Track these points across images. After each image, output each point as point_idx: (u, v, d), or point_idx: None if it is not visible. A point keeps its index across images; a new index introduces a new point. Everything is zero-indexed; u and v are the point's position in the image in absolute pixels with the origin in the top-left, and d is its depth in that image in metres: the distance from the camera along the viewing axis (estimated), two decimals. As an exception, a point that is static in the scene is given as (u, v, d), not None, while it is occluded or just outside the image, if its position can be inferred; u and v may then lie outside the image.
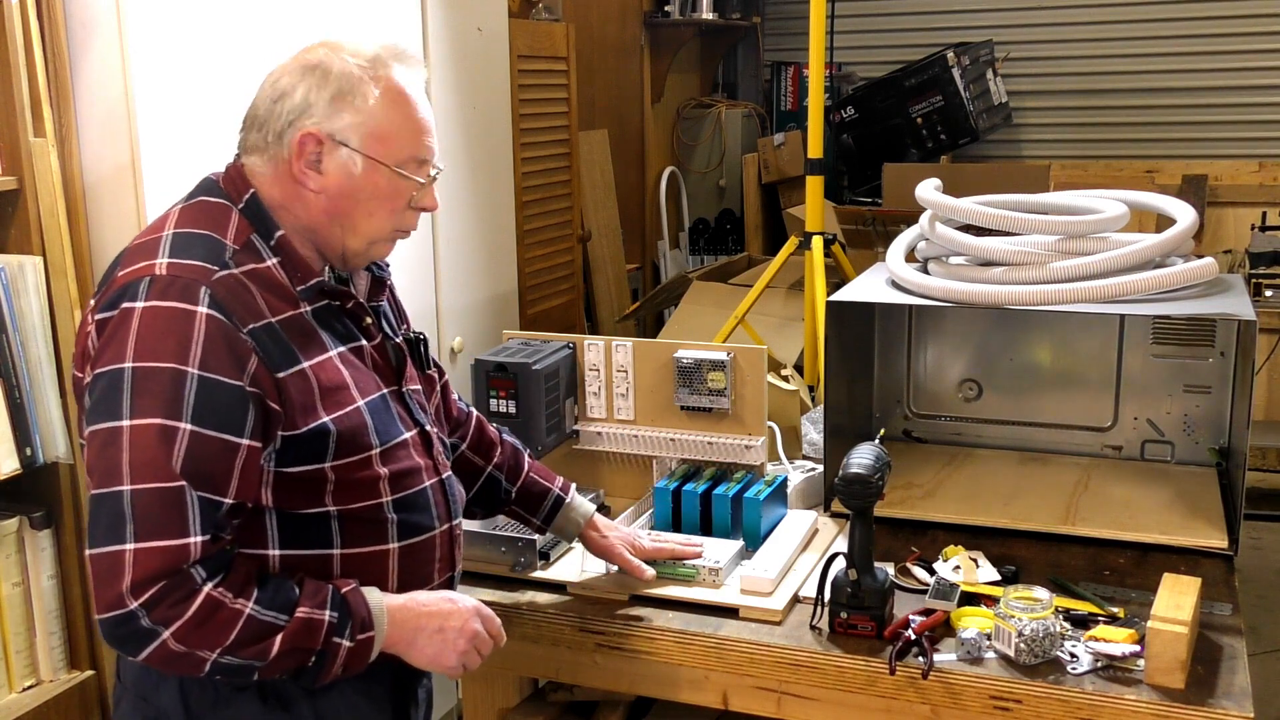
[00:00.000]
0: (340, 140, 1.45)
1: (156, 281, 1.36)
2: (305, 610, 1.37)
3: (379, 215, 1.50)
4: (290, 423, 1.40)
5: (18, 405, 1.92)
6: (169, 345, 1.32)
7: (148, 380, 1.31)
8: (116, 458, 1.30)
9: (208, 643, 1.31)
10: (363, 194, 1.48)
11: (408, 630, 1.47)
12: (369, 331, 1.55)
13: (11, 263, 1.94)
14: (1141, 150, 5.62)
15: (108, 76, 2.04)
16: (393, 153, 1.47)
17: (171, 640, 1.29)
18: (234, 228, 1.45)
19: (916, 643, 1.69)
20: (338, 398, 1.45)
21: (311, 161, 1.46)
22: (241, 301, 1.38)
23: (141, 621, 1.28)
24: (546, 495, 1.88)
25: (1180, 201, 2.24)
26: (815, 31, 3.18)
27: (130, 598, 1.27)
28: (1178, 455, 2.37)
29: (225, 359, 1.34)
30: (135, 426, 1.30)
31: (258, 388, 1.37)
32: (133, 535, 1.28)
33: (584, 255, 4.32)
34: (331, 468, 1.44)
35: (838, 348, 2.23)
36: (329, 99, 1.45)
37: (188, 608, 1.29)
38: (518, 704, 2.08)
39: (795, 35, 6.09)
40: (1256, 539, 4.17)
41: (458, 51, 2.99)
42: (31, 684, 2.02)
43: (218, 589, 1.32)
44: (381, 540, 1.50)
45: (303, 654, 1.38)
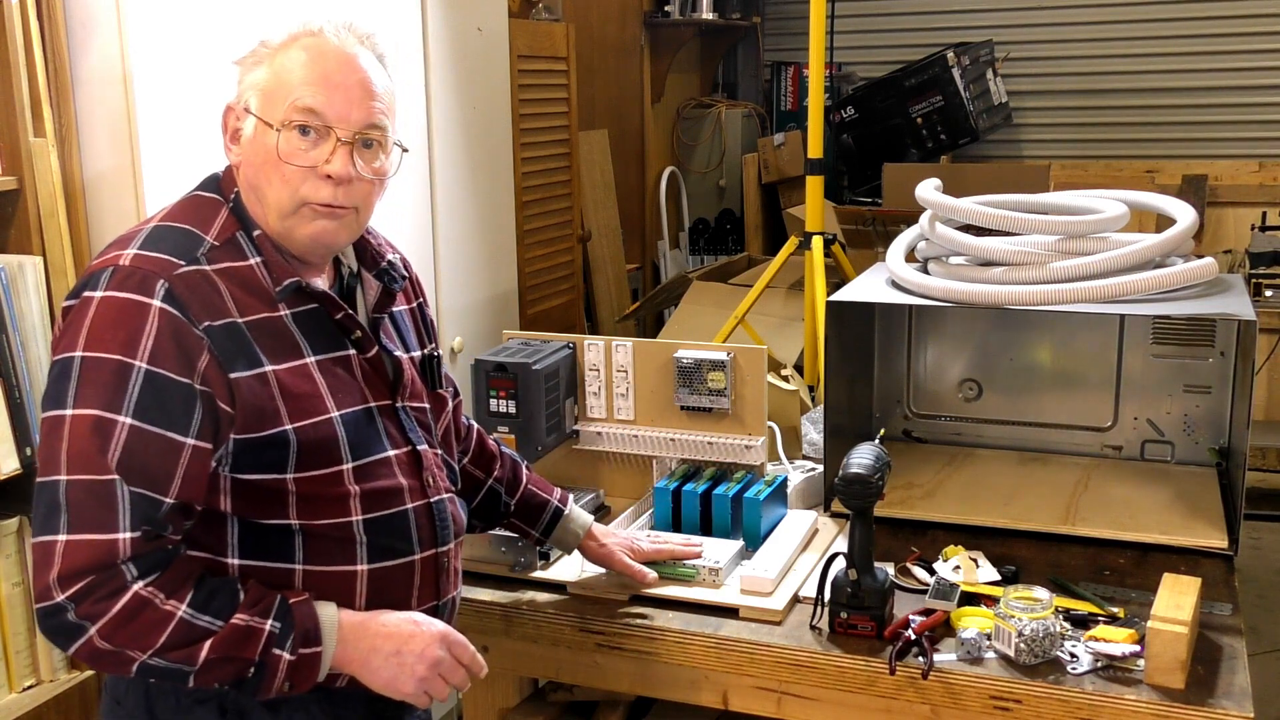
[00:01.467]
0: (244, 106, 1.44)
1: (118, 272, 1.34)
2: (243, 617, 1.32)
3: (275, 182, 1.42)
4: (243, 426, 1.36)
5: (18, 405, 1.92)
6: (119, 336, 1.31)
7: (93, 370, 1.30)
8: (57, 447, 1.29)
9: (135, 643, 1.28)
10: (258, 158, 1.42)
11: (361, 650, 1.40)
12: (360, 343, 1.50)
13: (11, 263, 1.94)
14: (1141, 150, 5.62)
15: (108, 76, 2.04)
16: (276, 108, 1.41)
17: (97, 637, 1.26)
18: (219, 224, 1.43)
19: (916, 643, 1.69)
20: (305, 405, 1.40)
21: (234, 134, 1.46)
22: (201, 298, 1.35)
23: (68, 615, 1.26)
24: (545, 507, 1.86)
25: (1180, 201, 2.24)
26: (815, 31, 3.18)
27: (57, 589, 1.26)
28: (1178, 455, 2.37)
29: (174, 355, 1.31)
30: (75, 416, 1.29)
31: (208, 386, 1.33)
32: (65, 526, 1.27)
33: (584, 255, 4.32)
34: (294, 479, 1.40)
35: (838, 348, 2.23)
36: (248, 66, 1.45)
37: (113, 604, 1.26)
38: (518, 704, 2.08)
39: (795, 35, 6.09)
40: (1256, 539, 4.17)
41: (458, 51, 2.99)
42: (31, 684, 2.02)
43: (148, 588, 1.28)
44: (349, 560, 1.44)
45: (239, 663, 1.32)
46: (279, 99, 1.41)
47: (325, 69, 1.42)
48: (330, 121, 1.41)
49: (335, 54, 1.43)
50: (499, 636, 1.89)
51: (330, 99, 1.41)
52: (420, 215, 2.86)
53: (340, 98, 1.42)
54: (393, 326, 1.59)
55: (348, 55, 1.44)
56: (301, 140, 1.41)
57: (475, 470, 1.83)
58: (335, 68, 1.42)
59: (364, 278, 1.58)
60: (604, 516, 2.16)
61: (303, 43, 1.43)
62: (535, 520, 1.86)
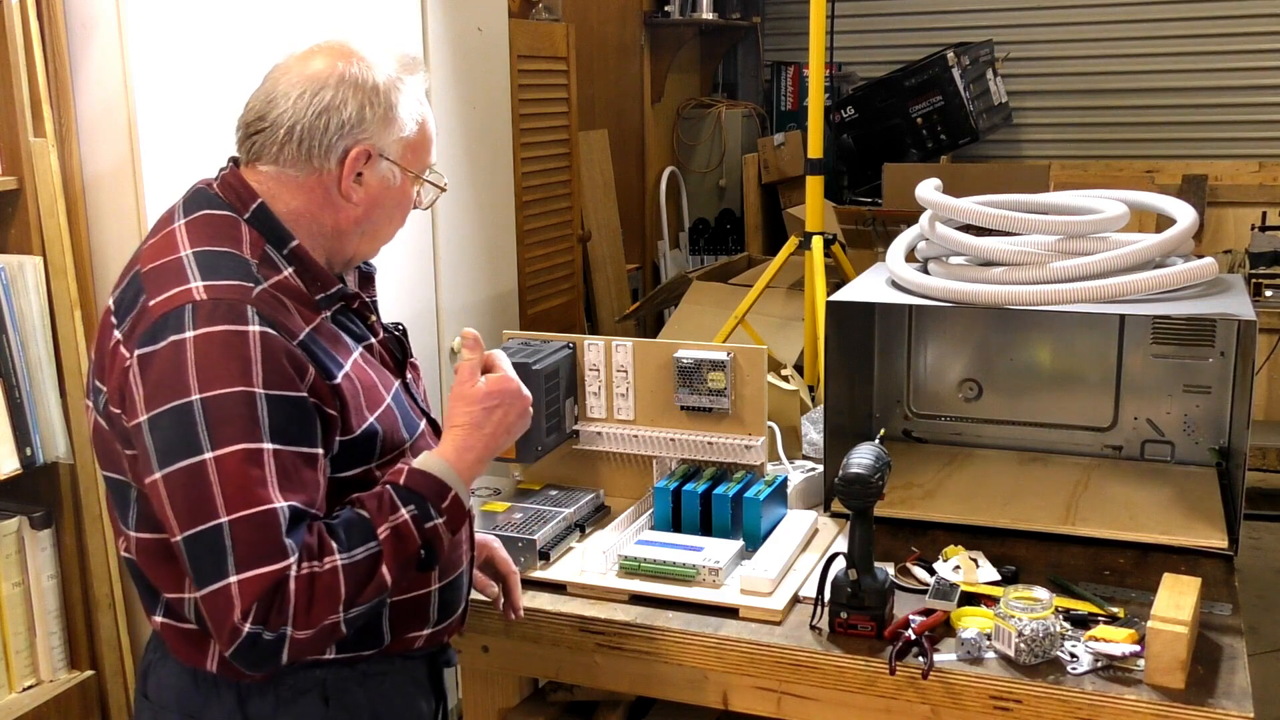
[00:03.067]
0: (384, 155, 1.48)
1: (200, 307, 1.32)
2: (385, 525, 1.36)
3: (397, 220, 1.55)
4: (346, 427, 1.40)
5: (18, 405, 1.92)
6: (232, 369, 1.30)
7: (220, 409, 1.28)
8: (207, 493, 1.27)
9: (327, 613, 1.30)
10: (392, 203, 1.51)
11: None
12: (374, 328, 1.56)
13: (11, 263, 1.94)
14: (1141, 150, 5.62)
15: (108, 76, 2.04)
16: (422, 162, 1.53)
17: (296, 632, 1.29)
18: (247, 241, 1.43)
19: (916, 643, 1.69)
20: (374, 397, 1.46)
21: (357, 176, 1.47)
22: (281, 315, 1.37)
23: (264, 636, 1.27)
24: None
25: (1180, 201, 2.24)
26: (815, 31, 3.18)
27: (244, 623, 1.26)
28: (1178, 455, 2.37)
29: (287, 373, 1.33)
30: (220, 457, 1.28)
31: (316, 397, 1.36)
32: (233, 567, 1.26)
33: (584, 255, 4.32)
34: (378, 467, 1.45)
35: (838, 348, 2.23)
36: (382, 115, 1.46)
37: (289, 599, 1.28)
38: (518, 704, 2.08)
39: (795, 35, 6.09)
40: (1256, 539, 4.17)
41: (458, 51, 2.99)
42: (31, 684, 2.02)
43: (303, 566, 1.29)
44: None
45: (413, 556, 1.39)
46: (423, 154, 1.53)
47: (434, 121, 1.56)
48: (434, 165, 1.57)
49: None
50: (499, 636, 1.89)
51: None
52: (420, 215, 2.85)
53: None
54: None
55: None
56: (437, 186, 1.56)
57: None
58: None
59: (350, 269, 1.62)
60: (604, 517, 2.16)
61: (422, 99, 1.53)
62: None
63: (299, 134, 1.44)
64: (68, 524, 2.05)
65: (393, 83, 1.47)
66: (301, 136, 1.44)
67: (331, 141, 1.44)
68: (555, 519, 2.02)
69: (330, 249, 1.50)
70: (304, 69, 1.45)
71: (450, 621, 1.60)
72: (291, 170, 1.45)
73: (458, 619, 1.62)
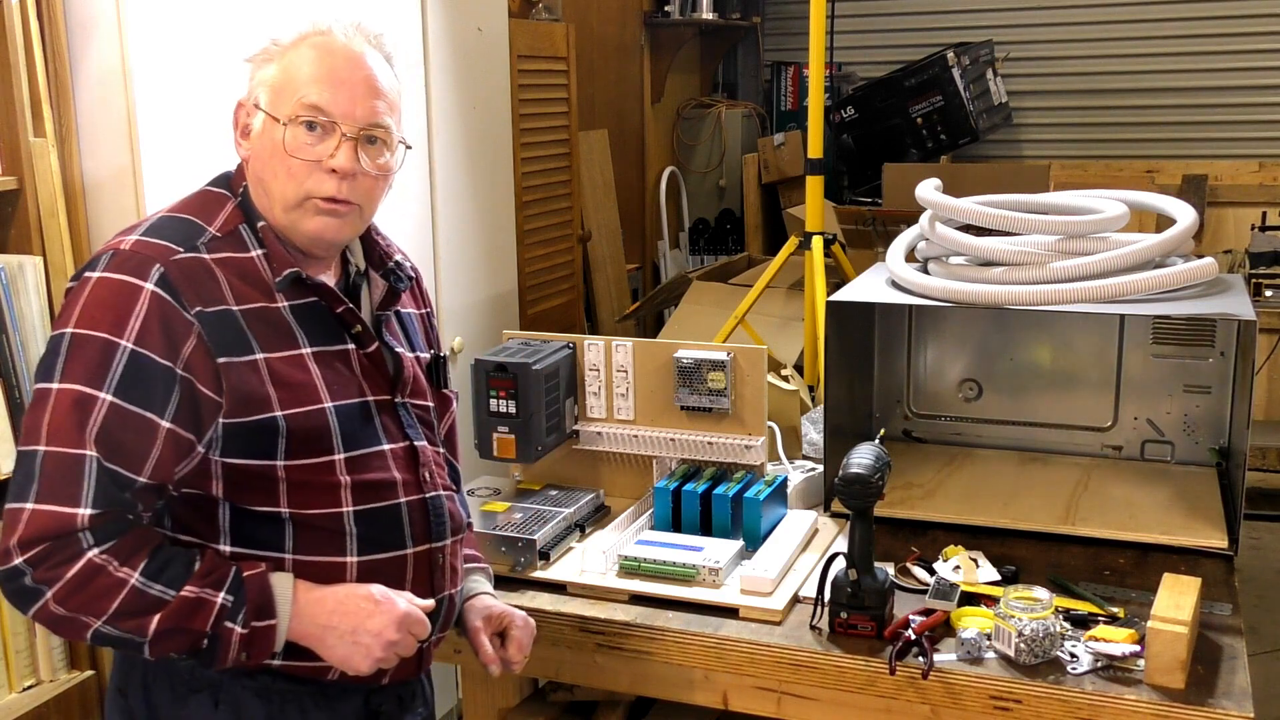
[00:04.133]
0: (254, 102, 1.47)
1: (117, 255, 1.38)
2: (194, 589, 1.34)
3: (281, 175, 1.45)
4: (230, 410, 1.39)
5: (18, 405, 1.92)
6: (109, 316, 1.34)
7: (82, 347, 1.33)
8: (40, 418, 1.32)
9: (88, 609, 1.30)
10: (265, 152, 1.46)
11: (317, 625, 1.41)
12: (360, 338, 1.52)
13: (11, 263, 1.93)
14: (1141, 150, 5.62)
15: (108, 76, 2.04)
16: (283, 103, 1.45)
17: (52, 601, 1.29)
18: (224, 216, 1.47)
19: (916, 643, 1.69)
20: (299, 395, 1.43)
21: (244, 130, 1.49)
22: (196, 284, 1.39)
23: (25, 579, 1.29)
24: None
25: (1180, 201, 2.24)
26: (815, 31, 3.18)
27: (16, 553, 1.29)
28: (1178, 455, 2.37)
29: (160, 338, 1.35)
30: (60, 390, 1.32)
31: (189, 372, 1.36)
32: (34, 495, 1.30)
33: (584, 255, 4.32)
34: (284, 466, 1.42)
35: (838, 348, 2.23)
36: (258, 63, 1.48)
37: (68, 569, 1.29)
38: (518, 704, 2.08)
39: (795, 35, 6.09)
40: (1256, 539, 4.17)
41: (458, 51, 2.99)
42: (31, 684, 2.02)
43: (103, 555, 1.30)
44: (339, 552, 1.45)
45: (191, 635, 1.34)
46: (287, 95, 1.45)
47: (332, 66, 1.45)
48: (335, 117, 1.44)
49: (343, 52, 1.47)
50: (499, 636, 1.88)
51: (336, 95, 1.44)
52: (420, 215, 2.86)
53: (345, 94, 1.45)
54: (399, 325, 1.61)
55: (355, 53, 1.47)
56: (308, 135, 1.44)
57: None
58: (342, 65, 1.46)
59: (370, 276, 1.60)
60: (604, 517, 2.16)
61: (311, 41, 1.47)
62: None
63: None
64: (68, 524, 2.04)
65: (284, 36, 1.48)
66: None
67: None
68: (555, 519, 2.02)
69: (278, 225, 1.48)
70: None
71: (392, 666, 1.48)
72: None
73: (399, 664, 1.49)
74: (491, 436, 2.09)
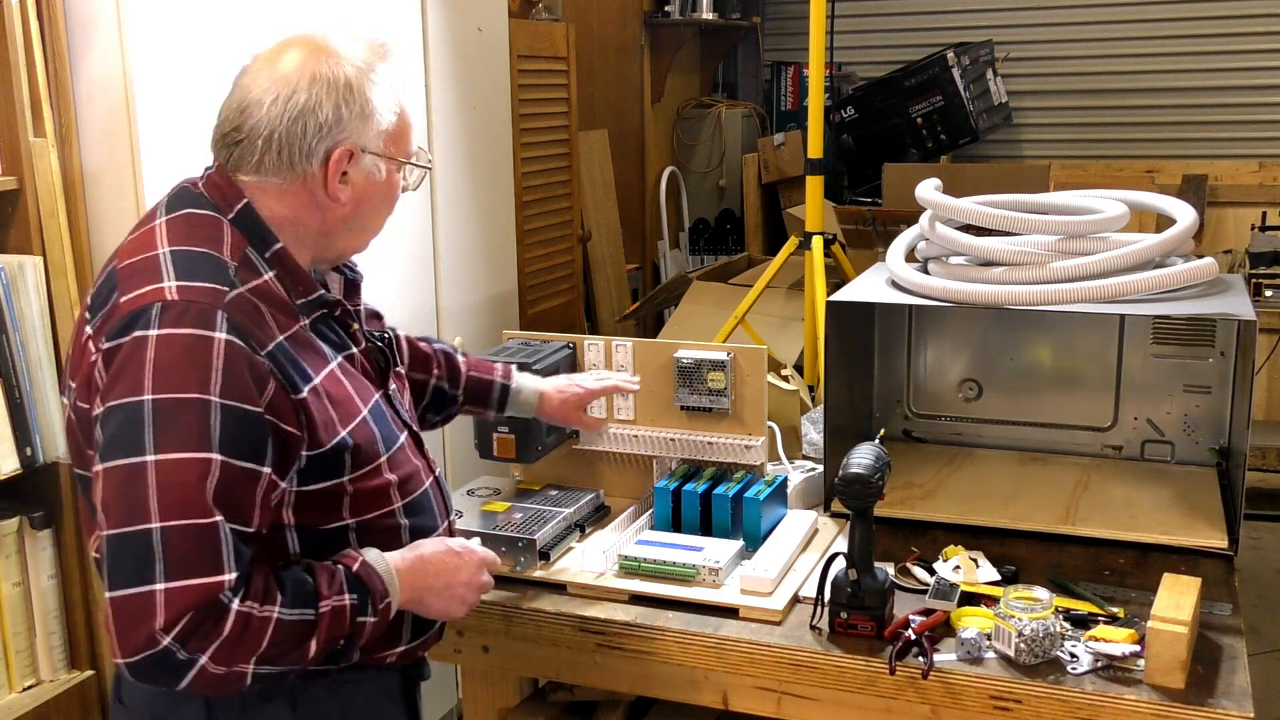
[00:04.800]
0: (367, 149, 1.45)
1: (170, 307, 1.30)
2: (328, 602, 1.36)
3: (385, 212, 1.53)
4: (314, 442, 1.38)
5: (18, 405, 1.92)
6: (190, 375, 1.27)
7: (172, 413, 1.26)
8: (142, 494, 1.24)
9: (245, 655, 1.28)
10: (380, 196, 1.50)
11: (417, 589, 1.48)
12: (356, 337, 1.53)
13: (11, 263, 1.94)
14: (1141, 150, 5.62)
15: (108, 76, 2.04)
16: (405, 149, 1.51)
17: (210, 664, 1.25)
18: (229, 242, 1.40)
19: (916, 643, 1.69)
20: (347, 410, 1.43)
21: (342, 176, 1.44)
22: (255, 322, 1.35)
23: (178, 655, 1.24)
24: (491, 388, 1.95)
25: (1180, 201, 2.24)
26: (815, 31, 3.18)
27: (163, 635, 1.23)
28: (1178, 455, 2.37)
29: (247, 385, 1.30)
30: (162, 462, 1.25)
31: (273, 414, 1.33)
32: (163, 574, 1.23)
33: (584, 255, 4.32)
34: (349, 481, 1.43)
35: (838, 348, 2.23)
36: (359, 111, 1.43)
37: (222, 630, 1.26)
38: (518, 704, 2.08)
39: (795, 35, 6.09)
40: (1256, 539, 4.17)
41: (458, 51, 2.99)
42: (31, 684, 2.02)
43: (245, 603, 1.28)
44: (396, 545, 1.49)
45: (337, 640, 1.38)
46: (405, 141, 1.51)
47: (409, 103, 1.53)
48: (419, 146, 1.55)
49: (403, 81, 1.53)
50: (499, 636, 1.89)
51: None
52: (420, 215, 2.85)
53: None
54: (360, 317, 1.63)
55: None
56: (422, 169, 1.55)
57: (417, 375, 1.88)
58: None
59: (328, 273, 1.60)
60: (604, 517, 2.16)
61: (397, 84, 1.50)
62: (486, 401, 1.95)
63: (278, 142, 1.41)
64: (68, 524, 2.04)
65: (364, 74, 1.44)
66: (280, 144, 1.41)
67: (311, 145, 1.41)
68: (555, 519, 2.02)
69: (316, 249, 1.48)
70: (273, 71, 1.42)
71: (425, 638, 1.58)
72: (274, 178, 1.43)
73: (435, 634, 1.61)
74: (491, 436, 2.09)
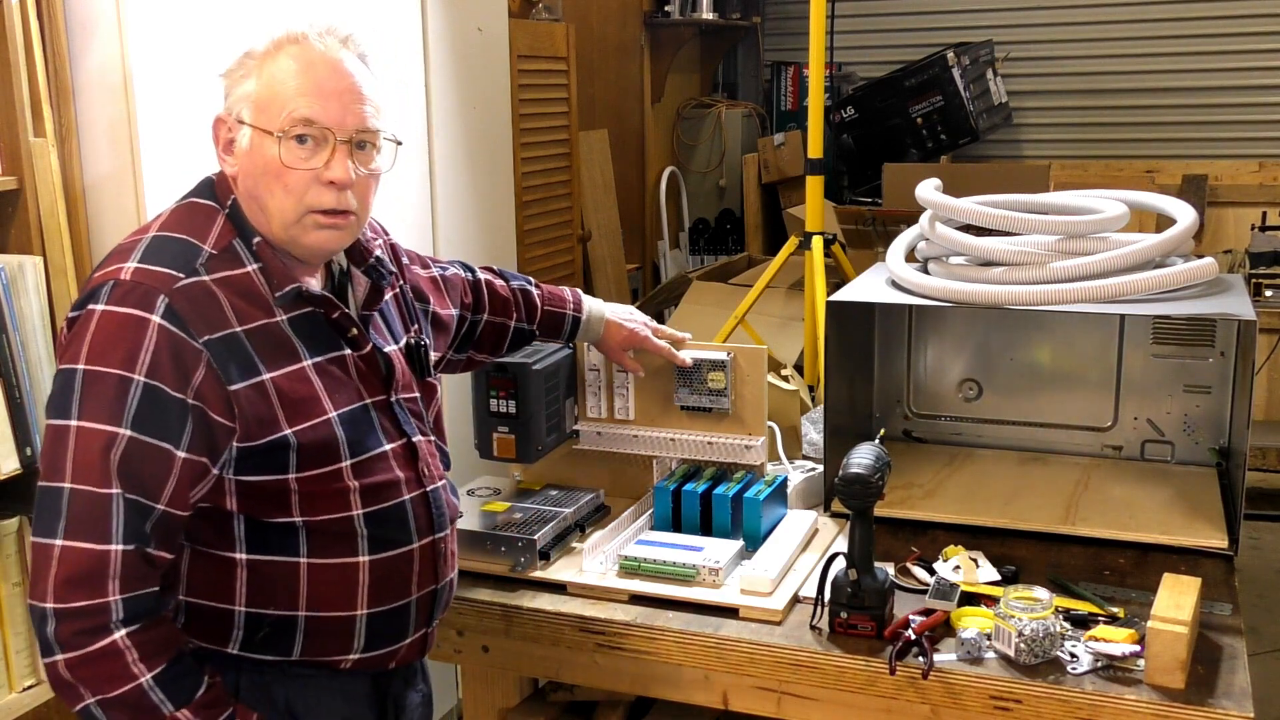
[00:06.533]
0: (237, 117, 1.45)
1: (119, 286, 1.36)
2: (188, 714, 1.35)
3: (278, 192, 1.44)
4: (244, 434, 1.40)
5: (18, 405, 1.92)
6: (119, 351, 1.34)
7: (96, 384, 1.33)
8: (62, 454, 1.32)
9: (90, 685, 1.31)
10: (257, 169, 1.44)
11: None
12: (355, 341, 1.52)
13: (11, 263, 1.93)
14: (1141, 150, 5.62)
15: (108, 76, 2.04)
16: (273, 118, 1.43)
17: (63, 665, 1.30)
18: (216, 232, 1.45)
19: (916, 643, 1.69)
20: (304, 409, 1.44)
21: (226, 145, 1.47)
22: (201, 311, 1.38)
23: (48, 628, 1.30)
24: (564, 320, 2.05)
25: (1180, 201, 2.24)
26: (815, 31, 3.18)
27: (50, 596, 1.30)
28: (1178, 455, 2.37)
29: (171, 370, 1.35)
30: (80, 428, 1.32)
31: (200, 401, 1.36)
32: (63, 531, 1.31)
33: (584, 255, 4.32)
34: (296, 479, 1.43)
35: (838, 348, 2.23)
36: (236, 79, 1.46)
37: (92, 642, 1.30)
38: (518, 704, 2.08)
39: (795, 35, 6.09)
40: (1256, 539, 4.17)
41: (458, 51, 2.99)
42: (31, 684, 2.02)
43: (128, 638, 1.31)
44: (351, 553, 1.48)
45: None
46: (274, 110, 1.43)
47: (316, 77, 1.44)
48: (326, 128, 1.44)
49: (323, 61, 1.45)
50: (499, 636, 1.89)
51: (325, 107, 1.44)
52: (420, 215, 2.85)
53: (334, 105, 1.44)
54: (381, 320, 1.62)
55: (334, 60, 1.46)
56: (300, 149, 1.44)
57: (497, 319, 1.98)
58: (326, 75, 1.45)
59: (353, 274, 1.60)
60: (604, 517, 2.16)
61: (289, 51, 1.45)
62: (559, 333, 2.07)
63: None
64: (68, 524, 2.04)
65: (260, 45, 1.46)
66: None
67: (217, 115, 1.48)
68: (555, 519, 2.02)
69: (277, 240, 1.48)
70: None
71: (389, 650, 1.56)
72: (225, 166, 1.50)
73: (406, 649, 1.58)
74: (491, 436, 2.09)
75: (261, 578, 1.44)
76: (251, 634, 1.46)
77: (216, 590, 1.45)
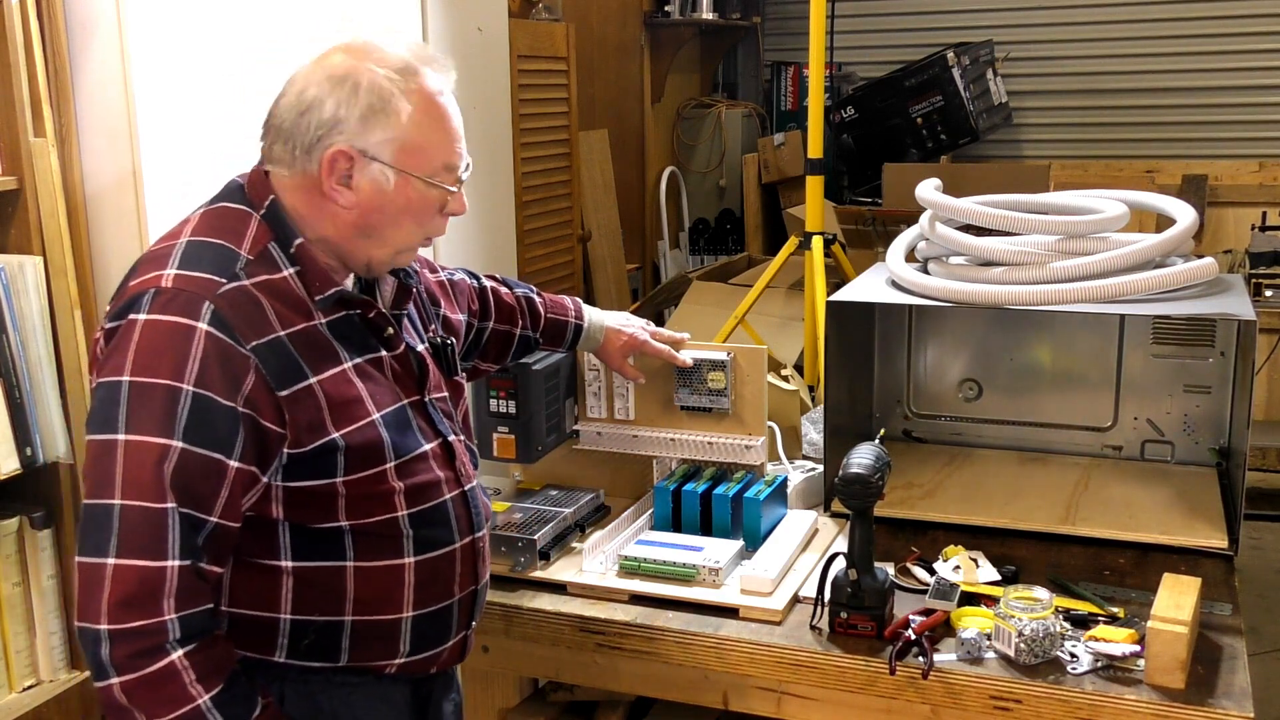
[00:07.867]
0: (372, 156, 1.42)
1: (161, 294, 1.34)
2: None
3: (407, 226, 1.47)
4: (295, 441, 1.38)
5: (18, 405, 1.92)
6: (166, 361, 1.31)
7: (143, 396, 1.30)
8: (111, 469, 1.29)
9: (147, 709, 1.28)
10: (393, 207, 1.45)
11: None
12: (390, 341, 1.52)
13: (11, 263, 1.93)
14: (1141, 150, 5.62)
15: (108, 77, 2.04)
16: (425, 165, 1.45)
17: (118, 688, 1.27)
18: (251, 236, 1.42)
19: (916, 643, 1.69)
20: (350, 412, 1.43)
21: (343, 178, 1.42)
22: (247, 316, 1.36)
23: (102, 650, 1.26)
24: (566, 328, 2.05)
25: (1180, 201, 2.24)
26: (815, 31, 3.18)
27: (104, 617, 1.26)
28: (1178, 455, 2.37)
29: (220, 378, 1.32)
30: (129, 442, 1.29)
31: (251, 409, 1.34)
32: (115, 549, 1.27)
33: (584, 255, 4.32)
34: (343, 482, 1.42)
35: (838, 348, 2.23)
36: (360, 115, 1.41)
37: (148, 664, 1.27)
38: (518, 704, 2.08)
39: (795, 35, 6.09)
40: (1256, 539, 4.17)
41: (458, 51, 2.98)
42: (31, 684, 2.02)
43: (185, 659, 1.29)
44: (397, 554, 1.48)
45: None
46: (427, 158, 1.45)
47: (455, 126, 1.50)
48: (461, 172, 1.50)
49: (452, 102, 1.51)
50: (499, 636, 1.89)
51: (462, 152, 1.51)
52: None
53: (462, 148, 1.51)
54: (408, 321, 1.61)
55: (451, 97, 1.51)
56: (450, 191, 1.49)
57: (502, 327, 1.98)
58: (457, 119, 1.51)
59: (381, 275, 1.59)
60: (604, 517, 2.16)
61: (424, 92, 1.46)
62: (562, 340, 2.06)
63: (285, 133, 1.43)
64: (68, 524, 2.04)
65: (381, 80, 1.42)
66: (287, 136, 1.43)
67: (310, 142, 1.41)
68: (555, 519, 2.02)
69: (339, 252, 1.47)
70: (309, 67, 1.44)
71: (433, 654, 1.55)
72: (283, 170, 1.44)
73: (448, 652, 1.57)
74: (491, 436, 2.09)
75: (307, 584, 1.43)
76: (297, 641, 1.45)
77: (261, 599, 1.43)
